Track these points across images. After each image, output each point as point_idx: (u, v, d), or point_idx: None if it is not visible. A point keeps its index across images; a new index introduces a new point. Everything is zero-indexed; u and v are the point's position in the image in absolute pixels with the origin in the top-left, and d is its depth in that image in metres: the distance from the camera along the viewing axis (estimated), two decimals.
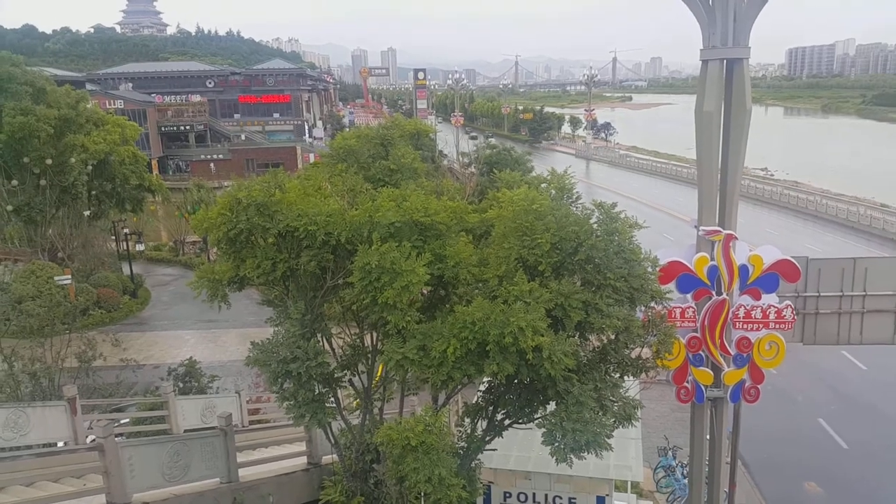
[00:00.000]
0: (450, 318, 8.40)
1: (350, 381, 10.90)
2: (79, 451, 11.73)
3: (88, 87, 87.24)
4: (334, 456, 14.57)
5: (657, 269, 9.49)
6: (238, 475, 12.07)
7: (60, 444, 13.36)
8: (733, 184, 11.27)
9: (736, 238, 11.29)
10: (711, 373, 11.76)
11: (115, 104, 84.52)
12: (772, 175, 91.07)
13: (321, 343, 9.50)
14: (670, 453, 19.08)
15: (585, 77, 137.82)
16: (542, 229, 8.48)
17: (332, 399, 9.89)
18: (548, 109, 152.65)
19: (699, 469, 12.66)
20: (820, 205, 59.00)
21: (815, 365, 25.49)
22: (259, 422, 19.09)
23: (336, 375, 9.79)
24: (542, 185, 10.36)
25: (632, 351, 9.61)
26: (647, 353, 10.17)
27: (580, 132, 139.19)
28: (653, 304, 9.27)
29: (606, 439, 8.35)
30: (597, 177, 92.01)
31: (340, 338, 11.13)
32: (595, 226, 8.76)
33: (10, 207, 33.32)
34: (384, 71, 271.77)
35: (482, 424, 10.57)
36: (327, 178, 10.30)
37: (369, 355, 10.73)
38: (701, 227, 11.32)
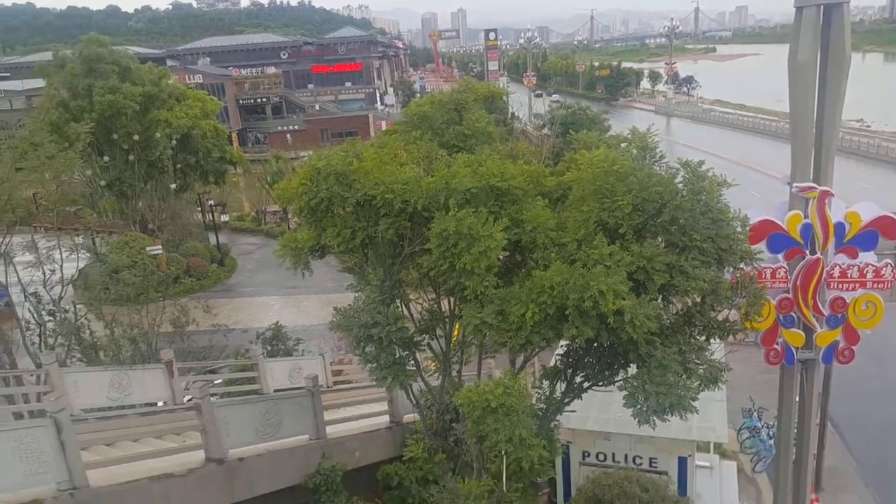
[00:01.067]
0: (528, 283, 8.36)
1: (429, 344, 11.08)
2: (178, 410, 12.50)
3: (168, 63, 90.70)
4: (415, 415, 15.02)
5: (747, 228, 9.09)
6: (325, 432, 12.57)
7: (160, 403, 14.30)
8: (830, 138, 10.54)
9: (832, 194, 10.60)
10: (803, 334, 11.23)
11: (194, 79, 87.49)
12: (868, 126, 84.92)
13: (400, 308, 9.66)
14: (755, 414, 18.67)
15: (666, 29, 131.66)
16: (624, 191, 8.24)
17: (413, 362, 10.08)
18: (625, 65, 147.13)
19: (788, 431, 12.19)
20: None
21: None
22: (342, 382, 19.79)
23: (415, 339, 9.95)
24: (622, 145, 10.06)
25: (719, 313, 9.29)
26: (734, 315, 9.83)
27: (660, 87, 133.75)
28: (742, 265, 8.89)
29: (691, 402, 8.17)
30: (679, 133, 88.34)
31: (418, 303, 11.29)
32: (680, 185, 8.43)
33: (103, 182, 35.29)
34: (454, 33, 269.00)
35: (561, 386, 10.54)
36: (402, 146, 10.34)
37: (447, 320, 10.84)
38: (794, 184, 10.69)
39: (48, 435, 8.48)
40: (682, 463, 14.19)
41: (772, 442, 17.61)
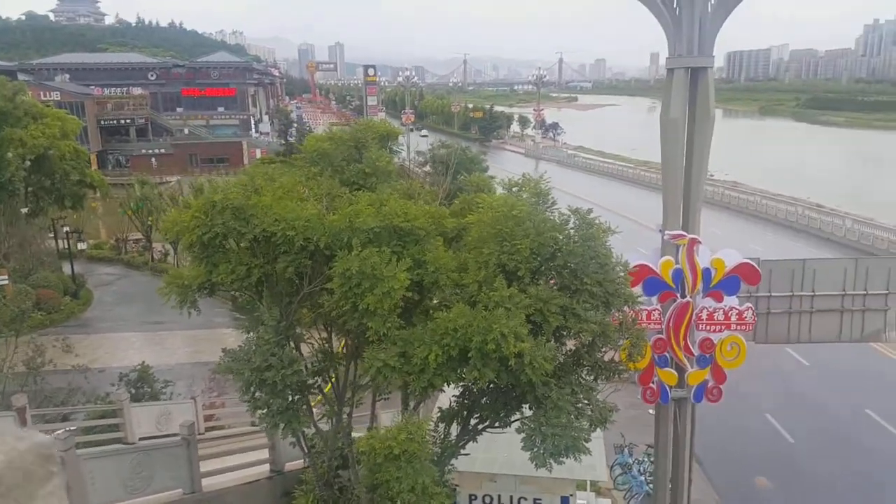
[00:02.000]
0: (430, 325, 8.38)
1: (319, 387, 10.74)
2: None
3: (21, 77, 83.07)
4: (303, 462, 14.40)
5: (628, 272, 9.69)
6: (202, 485, 11.76)
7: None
8: (697, 189, 11.61)
9: (700, 242, 11.63)
10: (676, 373, 12.10)
11: (50, 96, 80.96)
12: (712, 175, 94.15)
13: (294, 350, 9.32)
14: (626, 450, 19.39)
15: (534, 77, 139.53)
16: (522, 235, 8.54)
17: (305, 406, 9.72)
18: (497, 108, 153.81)
19: (664, 467, 13.00)
20: (760, 205, 61.33)
21: (761, 362, 26.53)
22: (215, 427, 18.65)
23: (308, 383, 9.62)
24: (514, 189, 10.46)
25: (604, 354, 9.78)
26: (613, 355, 10.38)
27: (528, 131, 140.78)
28: (626, 307, 9.45)
29: (584, 443, 8.48)
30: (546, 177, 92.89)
31: (309, 343, 10.94)
32: (572, 231, 8.87)
33: None
34: (332, 66, 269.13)
35: (456, 429, 10.57)
36: (301, 182, 10.12)
37: (340, 361, 10.60)
38: (666, 232, 11.62)
39: None
40: (565, 502, 14.59)
41: (643, 478, 18.47)
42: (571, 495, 14.72)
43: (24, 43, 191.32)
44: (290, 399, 9.13)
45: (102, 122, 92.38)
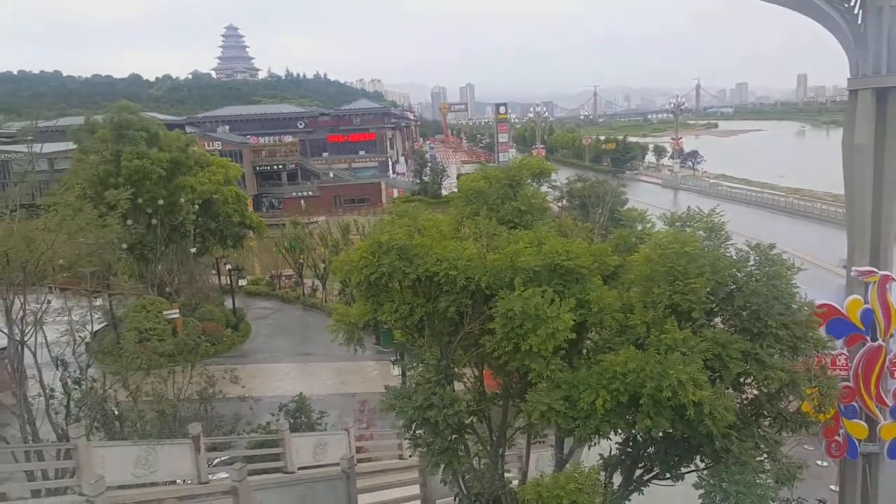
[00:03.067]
0: (596, 368, 8.04)
1: (474, 427, 10.63)
2: (215, 494, 11.94)
3: (188, 129, 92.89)
4: (448, 500, 14.33)
5: (812, 314, 8.82)
6: None
7: (185, 480, 13.68)
8: (889, 221, 10.43)
9: (894, 279, 10.40)
10: (866, 426, 10.78)
11: (213, 145, 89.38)
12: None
13: (453, 390, 9.30)
14: None
15: (671, 104, 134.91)
16: (696, 273, 8.02)
17: (463, 447, 9.63)
18: (630, 139, 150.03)
19: None
20: None
21: None
22: (365, 460, 19.07)
23: (465, 423, 9.55)
24: (677, 224, 9.95)
25: (788, 404, 8.91)
26: (798, 405, 9.42)
27: (665, 161, 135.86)
28: (814, 352, 8.58)
29: (772, 503, 7.70)
30: (685, 207, 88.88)
31: (462, 382, 10.90)
32: (752, 268, 8.22)
33: (124, 245, 35.36)
34: (463, 106, 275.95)
35: (617, 479, 10.02)
36: (459, 222, 10.24)
37: (497, 401, 10.44)
38: (854, 268, 10.51)
39: None
40: None
41: None
42: None
43: (190, 99, 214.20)
44: (450, 439, 9.08)
45: (258, 168, 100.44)
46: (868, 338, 10.51)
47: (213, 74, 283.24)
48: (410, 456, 19.51)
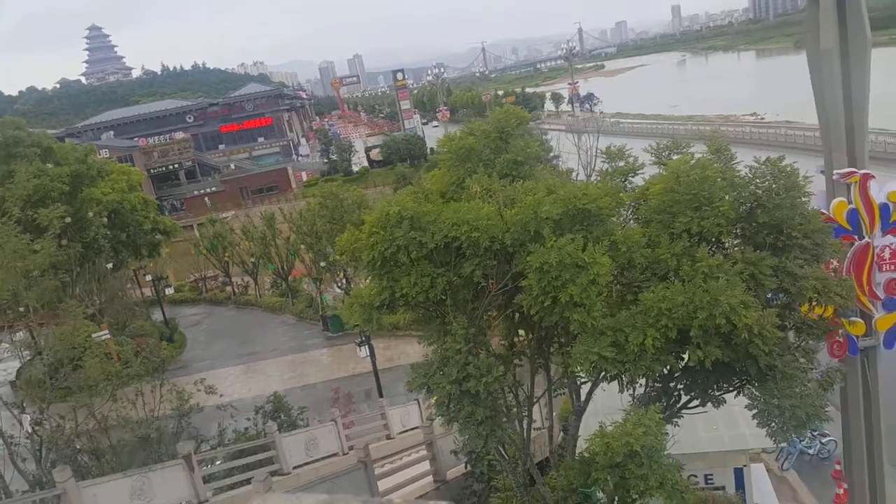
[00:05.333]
0: (636, 308, 7.85)
1: (515, 390, 10.33)
2: None
3: (69, 141, 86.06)
4: (457, 469, 14.12)
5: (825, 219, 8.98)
6: None
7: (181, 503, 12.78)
8: (861, 121, 10.74)
9: (873, 177, 10.76)
10: (863, 322, 11.25)
11: (100, 154, 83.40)
12: (762, 118, 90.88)
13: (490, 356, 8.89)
14: None
15: (563, 50, 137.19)
16: (720, 197, 7.91)
17: (504, 412, 9.30)
18: (526, 90, 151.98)
19: (857, 423, 12.12)
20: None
21: None
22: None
23: (506, 388, 9.22)
24: (664, 153, 9.88)
25: (810, 311, 9.07)
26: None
27: (563, 107, 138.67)
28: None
29: (825, 410, 7.83)
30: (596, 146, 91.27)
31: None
32: (771, 184, 8.20)
33: (35, 272, 32.46)
34: (354, 79, 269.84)
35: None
36: (456, 183, 9.72)
37: (529, 360, 10.16)
38: (835, 172, 10.79)
39: None
40: (739, 475, 13.83)
41: (796, 438, 17.59)
42: (745, 466, 13.97)
43: (62, 110, 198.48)
44: (491, 406, 8.71)
45: (152, 171, 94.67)
46: (856, 237, 10.88)
47: (84, 80, 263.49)
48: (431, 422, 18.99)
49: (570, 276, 7.58)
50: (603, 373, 8.00)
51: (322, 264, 37.01)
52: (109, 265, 37.74)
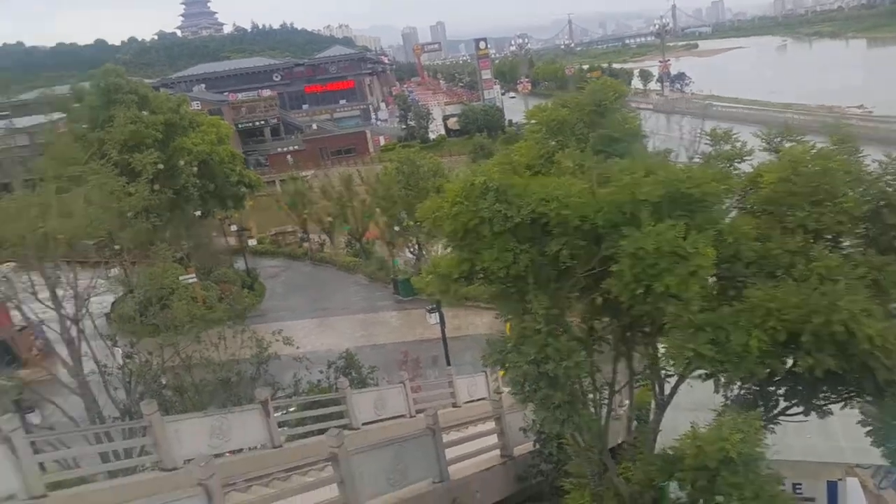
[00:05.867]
0: (741, 305, 7.41)
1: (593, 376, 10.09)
2: (318, 463, 11.56)
3: (163, 91, 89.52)
4: (526, 446, 13.99)
5: None
6: (449, 473, 11.60)
7: (256, 445, 13.30)
8: None
9: None
10: None
11: (192, 105, 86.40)
12: (870, 112, 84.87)
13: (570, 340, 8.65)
14: None
15: (655, 26, 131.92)
16: (843, 193, 7.32)
17: (582, 398, 9.09)
18: (613, 66, 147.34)
19: None
20: None
21: None
22: (420, 411, 18.70)
23: (586, 374, 8.98)
24: (776, 140, 9.24)
25: None
26: None
27: (652, 85, 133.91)
28: None
29: None
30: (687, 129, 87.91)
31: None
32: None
33: (130, 214, 34.22)
34: (436, 46, 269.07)
35: None
36: (541, 156, 9.42)
37: (602, 346, 9.88)
38: None
39: None
40: (832, 488, 13.07)
41: None
42: (840, 480, 13.17)
43: (158, 61, 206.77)
44: (570, 391, 8.51)
45: (239, 126, 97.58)
46: None
47: (179, 33, 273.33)
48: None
49: (668, 266, 7.20)
50: (697, 370, 7.63)
51: (395, 229, 37.36)
52: (197, 213, 39.31)
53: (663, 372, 9.61)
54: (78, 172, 20.46)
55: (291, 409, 15.40)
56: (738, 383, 9.03)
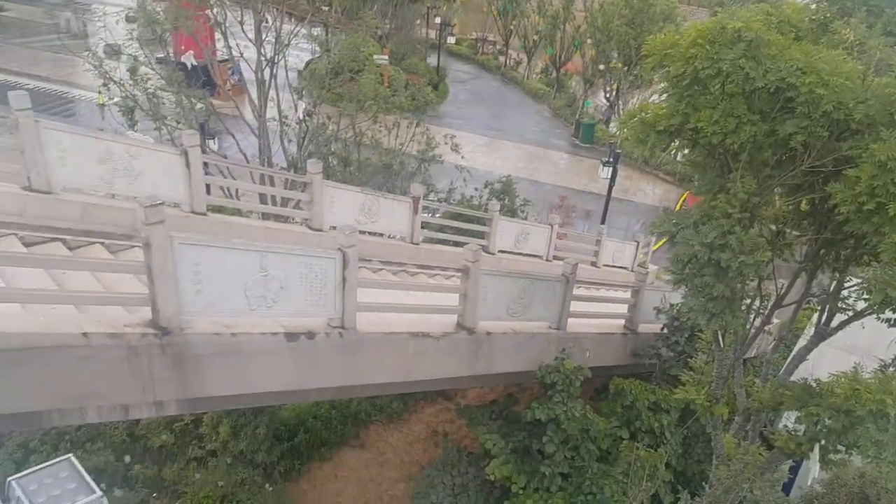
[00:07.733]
0: None
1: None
2: (448, 270, 11.76)
3: None
4: (652, 326, 13.39)
5: None
6: (566, 324, 11.37)
7: (396, 236, 13.70)
8: None
9: None
10: None
11: None
12: None
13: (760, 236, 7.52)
14: None
15: None
16: None
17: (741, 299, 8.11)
18: None
19: None
20: None
21: None
22: (556, 258, 18.39)
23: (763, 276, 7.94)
24: None
25: None
26: None
27: None
28: None
29: None
30: None
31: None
32: None
33: None
34: None
35: None
36: (815, 20, 7.60)
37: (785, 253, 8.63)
38: None
39: (334, 268, 7.68)
40: None
41: None
42: None
43: None
44: (735, 288, 7.54)
45: None
46: None
47: None
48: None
49: None
50: (890, 314, 6.39)
51: (600, 67, 34.72)
52: None
53: (844, 303, 8.34)
54: None
55: (437, 214, 15.58)
56: None
